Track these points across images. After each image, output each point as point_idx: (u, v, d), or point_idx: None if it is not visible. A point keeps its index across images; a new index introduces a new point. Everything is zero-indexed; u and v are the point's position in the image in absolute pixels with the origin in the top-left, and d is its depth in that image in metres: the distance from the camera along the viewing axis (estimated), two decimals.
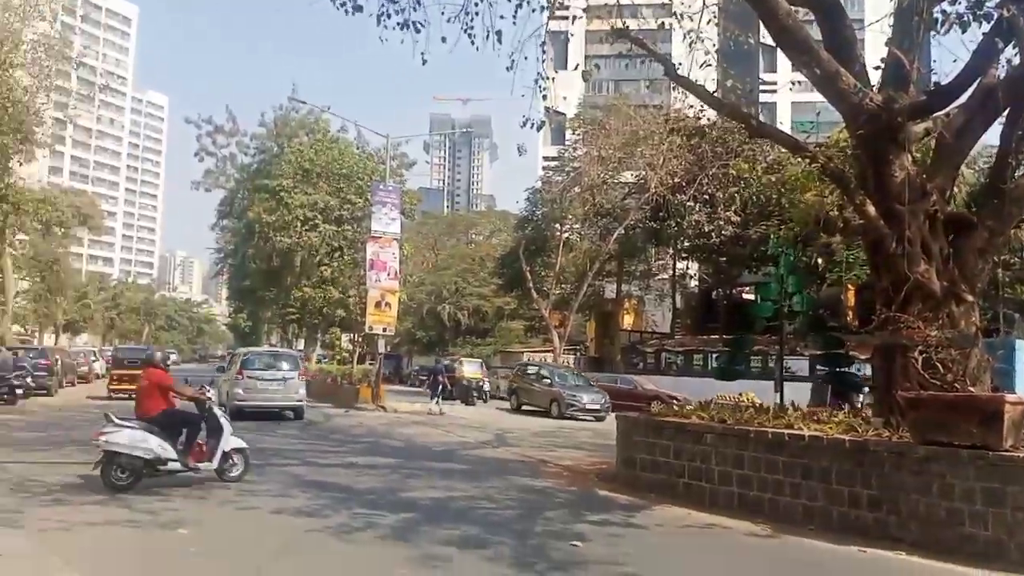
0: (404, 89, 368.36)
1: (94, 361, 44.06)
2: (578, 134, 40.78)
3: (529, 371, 31.21)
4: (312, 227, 37.46)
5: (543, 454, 15.57)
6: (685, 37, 11.80)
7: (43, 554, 6.64)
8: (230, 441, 10.54)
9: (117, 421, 10.10)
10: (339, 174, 38.52)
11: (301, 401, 22.99)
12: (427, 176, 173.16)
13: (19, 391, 23.54)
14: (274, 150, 44.24)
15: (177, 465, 10.06)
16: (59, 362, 30.94)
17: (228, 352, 78.15)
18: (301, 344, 56.95)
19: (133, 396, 30.78)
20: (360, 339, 41.13)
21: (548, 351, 45.13)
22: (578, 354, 48.44)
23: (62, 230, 53.18)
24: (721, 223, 33.91)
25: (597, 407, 26.28)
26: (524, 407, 28.99)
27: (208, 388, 11.59)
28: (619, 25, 11.79)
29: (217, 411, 10.73)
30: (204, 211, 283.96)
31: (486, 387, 34.32)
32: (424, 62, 11.03)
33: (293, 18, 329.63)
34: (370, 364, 35.38)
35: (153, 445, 9.78)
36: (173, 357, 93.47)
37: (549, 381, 28.52)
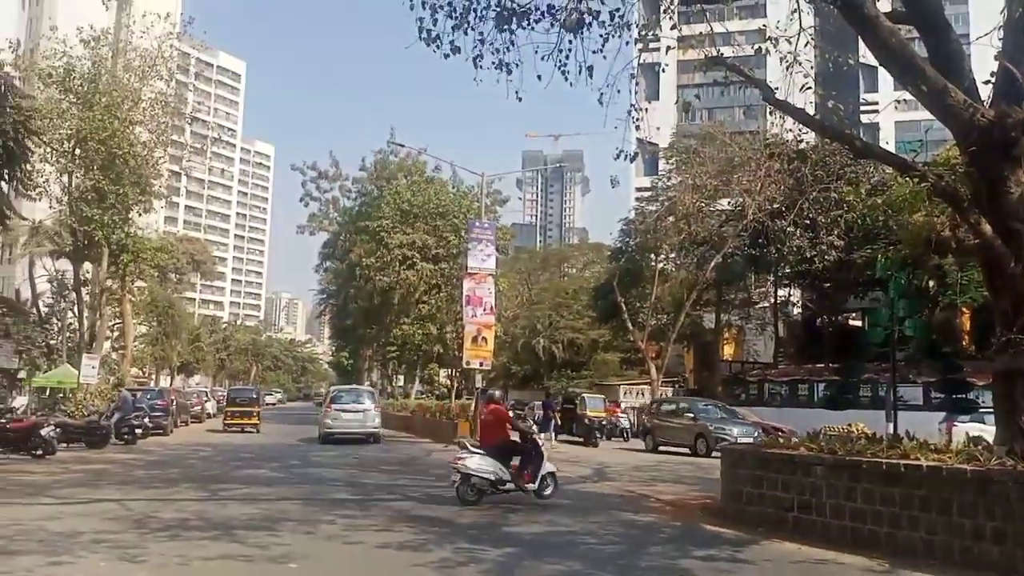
0: (496, 127, 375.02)
1: (206, 401, 46.15)
2: (672, 163, 40.46)
3: (666, 407, 28.85)
4: (410, 265, 38.24)
5: (644, 489, 15.29)
6: (782, 61, 11.59)
7: None
8: (546, 467, 12.49)
9: (471, 448, 12.42)
10: (435, 213, 39.29)
11: (377, 429, 27.71)
12: (520, 212, 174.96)
13: (138, 431, 24.72)
14: (374, 193, 45.55)
15: (511, 486, 12.20)
16: (174, 403, 32.43)
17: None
18: (401, 380, 58.12)
19: (245, 430, 32.58)
20: (458, 374, 41.59)
21: (645, 383, 44.39)
22: (676, 386, 47.51)
23: (177, 276, 56.09)
24: (824, 248, 32.91)
25: (751, 441, 23.78)
26: (662, 447, 26.47)
27: (532, 423, 14.88)
28: (713, 53, 11.68)
29: (540, 441, 12.81)
30: (306, 254, 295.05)
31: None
32: (519, 100, 11.21)
33: (391, 63, 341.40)
34: (467, 399, 35.68)
35: (495, 469, 12.06)
36: (279, 396, 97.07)
37: (692, 416, 25.95)
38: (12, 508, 11.07)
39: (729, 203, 37.25)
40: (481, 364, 29.30)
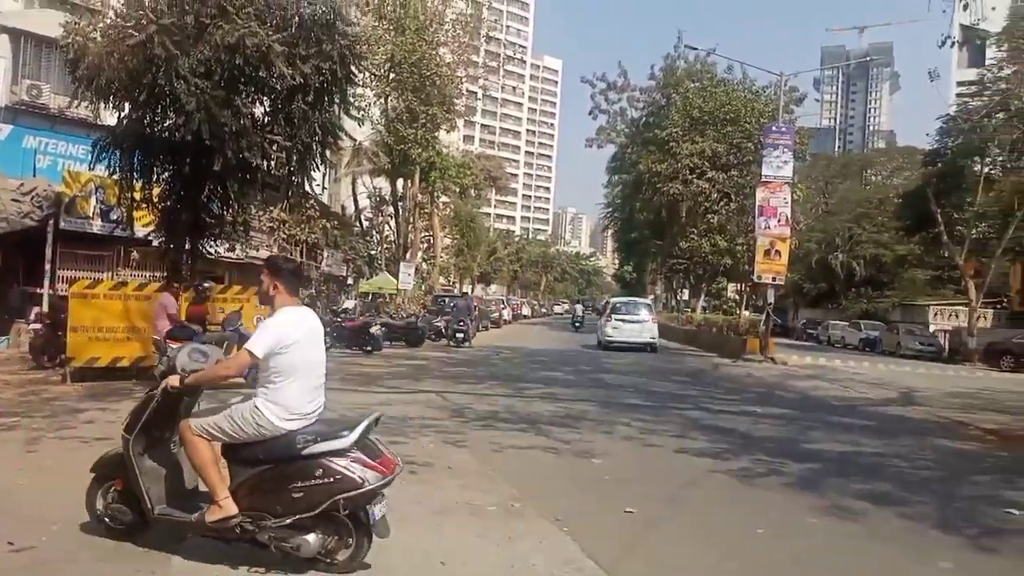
0: (792, 24, 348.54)
1: (503, 308, 49.59)
2: (1005, 51, 34.98)
3: None
4: (700, 175, 37.37)
5: (960, 415, 14.06)
6: None
7: (484, 469, 7.65)
8: None
9: None
10: (726, 119, 37.78)
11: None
12: (816, 115, 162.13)
13: (459, 335, 26.63)
14: (661, 102, 44.78)
15: None
16: (477, 309, 35.03)
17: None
18: (685, 294, 57.80)
19: None
20: (747, 289, 40.43)
21: (961, 304, 40.14)
22: (998, 307, 42.41)
23: (476, 191, 59.73)
24: None
25: None
26: None
27: None
28: None
29: None
30: (590, 169, 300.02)
31: None
32: None
33: None
34: (755, 315, 34.69)
35: None
36: (566, 306, 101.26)
37: None
38: (353, 395, 12.73)
39: None
40: (774, 279, 28.23)
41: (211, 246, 15.90)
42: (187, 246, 15.10)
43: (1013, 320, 39.88)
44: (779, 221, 27.63)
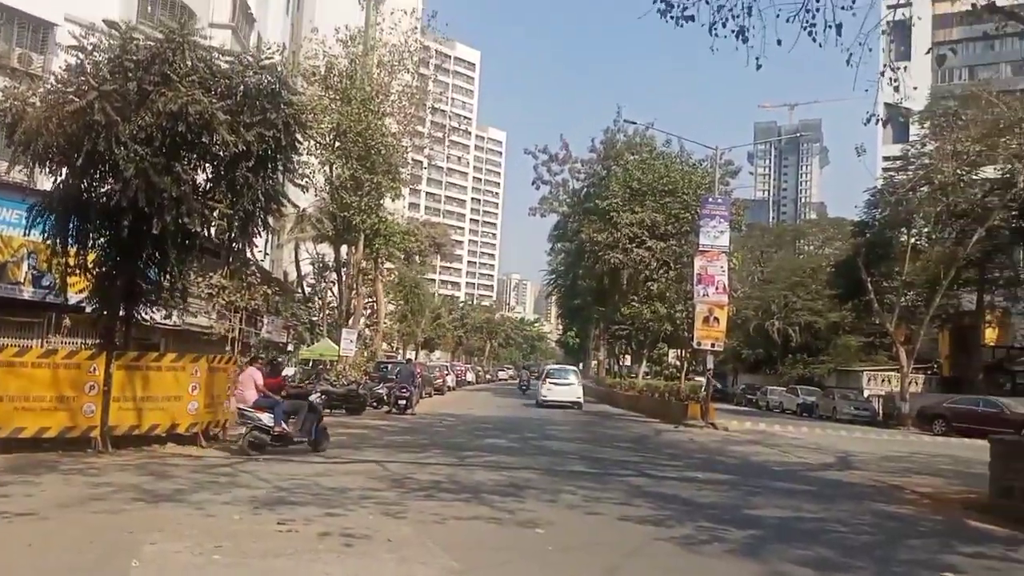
0: (725, 100, 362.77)
1: (447, 375, 49.23)
2: (927, 128, 36.96)
3: None
4: (639, 244, 38.18)
5: (896, 479, 14.35)
6: None
7: (424, 541, 7.46)
8: None
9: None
10: (664, 190, 38.85)
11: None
12: (750, 188, 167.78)
13: (402, 403, 26.24)
14: (602, 173, 45.92)
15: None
16: (420, 375, 34.64)
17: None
18: (628, 360, 58.22)
19: None
20: (687, 355, 40.95)
21: (893, 369, 41.31)
22: (928, 373, 43.77)
23: (420, 258, 59.73)
24: None
25: None
26: None
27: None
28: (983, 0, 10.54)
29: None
30: (534, 237, 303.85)
31: None
32: (758, 67, 10.75)
33: (618, 38, 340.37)
34: (696, 380, 35.27)
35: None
36: (510, 372, 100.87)
37: None
38: (289, 465, 12.42)
39: (995, 170, 33.54)
40: (713, 345, 28.68)
41: (147, 313, 15.44)
42: (121, 313, 14.69)
43: (943, 385, 41.17)
44: (717, 289, 28.23)
